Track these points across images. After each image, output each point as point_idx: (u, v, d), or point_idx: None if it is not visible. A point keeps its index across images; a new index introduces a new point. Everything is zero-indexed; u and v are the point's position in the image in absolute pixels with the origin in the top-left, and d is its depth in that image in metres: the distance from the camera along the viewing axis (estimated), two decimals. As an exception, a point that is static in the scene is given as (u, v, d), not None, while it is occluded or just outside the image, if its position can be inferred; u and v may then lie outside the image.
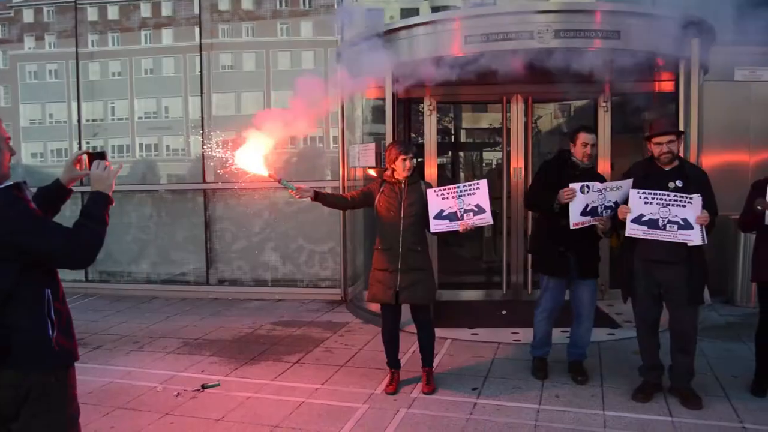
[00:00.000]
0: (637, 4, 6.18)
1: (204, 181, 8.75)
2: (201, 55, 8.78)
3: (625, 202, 4.55)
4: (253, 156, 4.62)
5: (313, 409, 4.65)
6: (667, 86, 6.93)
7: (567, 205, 4.74)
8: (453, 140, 11.41)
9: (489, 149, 12.17)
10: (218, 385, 5.16)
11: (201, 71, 8.79)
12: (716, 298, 7.46)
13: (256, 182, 7.51)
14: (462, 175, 11.49)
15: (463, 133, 11.97)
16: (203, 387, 5.11)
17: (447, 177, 10.55)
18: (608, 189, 4.71)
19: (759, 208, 4.45)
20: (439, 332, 6.13)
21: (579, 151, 4.97)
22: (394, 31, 6.52)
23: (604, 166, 7.36)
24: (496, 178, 8.54)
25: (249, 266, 8.74)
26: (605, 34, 5.73)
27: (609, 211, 4.72)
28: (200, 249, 8.85)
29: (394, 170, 4.84)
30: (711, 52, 6.85)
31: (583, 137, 4.95)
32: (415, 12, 11.73)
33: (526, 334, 6.12)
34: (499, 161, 9.33)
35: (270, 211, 8.64)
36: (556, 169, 5.07)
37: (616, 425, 4.28)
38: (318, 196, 4.88)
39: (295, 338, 6.51)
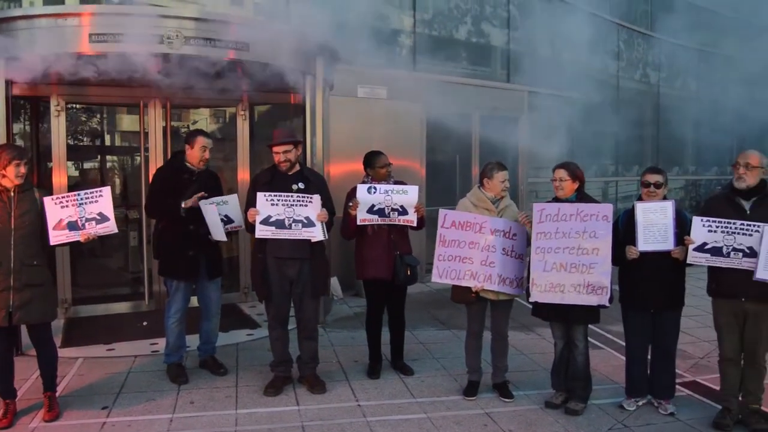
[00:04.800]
0: (268, 20, 6.50)
1: None
2: None
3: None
4: None
5: None
6: (300, 98, 7.40)
7: (193, 209, 4.89)
8: (100, 144, 10.65)
9: (139, 154, 11.62)
10: None
11: None
12: (347, 292, 8.25)
13: None
14: (117, 181, 10.80)
15: (117, 136, 11.25)
16: None
17: (95, 183, 9.78)
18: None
19: (351, 206, 5.04)
20: (69, 352, 5.74)
21: (197, 155, 5.11)
22: (10, 20, 5.83)
23: (243, 174, 7.62)
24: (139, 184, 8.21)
25: None
26: (236, 45, 5.89)
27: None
28: None
29: (4, 176, 4.33)
30: (336, 70, 7.54)
31: (202, 141, 5.13)
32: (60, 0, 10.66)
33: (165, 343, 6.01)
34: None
35: None
36: (171, 173, 5.16)
37: (247, 422, 4.45)
38: None
39: None
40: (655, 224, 4.49)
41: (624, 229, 4.66)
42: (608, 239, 4.50)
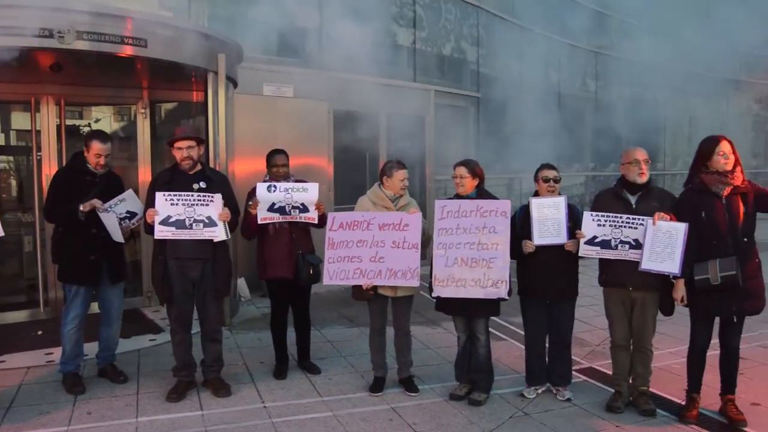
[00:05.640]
0: (168, 15, 6.32)
1: None
2: None
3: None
4: None
5: None
6: (202, 96, 7.24)
7: (92, 213, 4.68)
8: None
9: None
10: None
11: None
12: (255, 292, 8.15)
13: None
14: (12, 182, 10.17)
15: (11, 135, 10.61)
16: None
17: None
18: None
19: (251, 205, 5.01)
20: (-48, 366, 5.38)
21: (92, 160, 4.93)
22: None
23: (145, 174, 7.38)
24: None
25: None
26: (133, 41, 5.68)
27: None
28: None
29: None
30: (242, 68, 7.43)
31: (97, 147, 4.93)
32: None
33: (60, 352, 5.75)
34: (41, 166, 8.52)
35: None
36: (71, 176, 4.96)
37: (148, 430, 4.32)
38: None
39: None
40: (549, 219, 4.69)
41: (521, 223, 4.83)
42: (507, 234, 4.65)
